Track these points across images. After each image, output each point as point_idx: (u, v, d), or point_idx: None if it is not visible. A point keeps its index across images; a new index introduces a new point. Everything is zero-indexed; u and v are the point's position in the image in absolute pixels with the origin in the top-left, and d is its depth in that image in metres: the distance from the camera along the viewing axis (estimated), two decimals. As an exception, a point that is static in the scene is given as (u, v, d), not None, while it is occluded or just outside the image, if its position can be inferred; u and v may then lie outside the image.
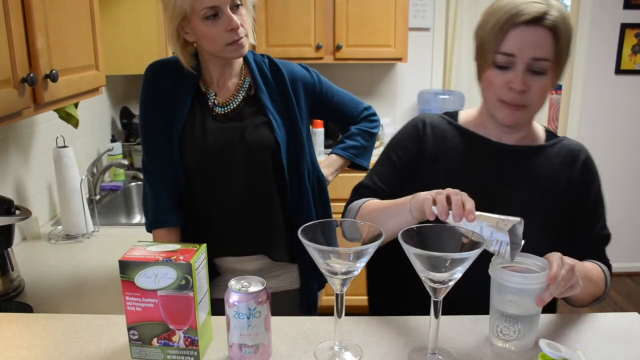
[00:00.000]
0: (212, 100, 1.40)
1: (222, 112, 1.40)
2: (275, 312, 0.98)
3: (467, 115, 1.29)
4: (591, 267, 1.15)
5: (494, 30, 1.10)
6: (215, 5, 1.25)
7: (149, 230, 1.44)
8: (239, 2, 1.29)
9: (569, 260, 0.97)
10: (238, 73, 1.43)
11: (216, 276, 1.46)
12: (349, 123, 1.58)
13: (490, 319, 1.01)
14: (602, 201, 1.24)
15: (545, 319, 1.03)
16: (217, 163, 1.37)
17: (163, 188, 1.41)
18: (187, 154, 1.37)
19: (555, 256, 0.96)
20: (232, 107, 1.40)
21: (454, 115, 1.30)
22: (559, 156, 1.22)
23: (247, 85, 1.42)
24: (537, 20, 1.07)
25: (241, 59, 1.43)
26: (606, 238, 1.24)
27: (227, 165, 1.37)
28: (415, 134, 1.27)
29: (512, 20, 1.08)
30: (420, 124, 1.27)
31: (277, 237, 1.41)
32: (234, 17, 1.28)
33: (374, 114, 1.62)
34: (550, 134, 1.27)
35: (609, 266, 1.21)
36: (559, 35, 1.08)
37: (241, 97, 1.41)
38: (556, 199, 1.19)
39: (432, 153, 1.24)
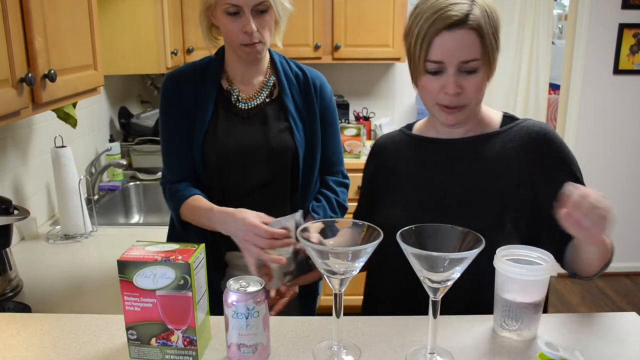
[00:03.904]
0: (236, 96, 1.43)
1: (246, 108, 1.43)
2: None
3: (420, 123, 1.32)
4: None
5: (419, 38, 1.09)
6: (238, 4, 1.29)
7: (179, 212, 1.43)
8: (264, 8, 1.31)
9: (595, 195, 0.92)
10: (264, 72, 1.46)
11: (223, 270, 1.47)
12: (325, 165, 1.53)
13: (495, 309, 1.02)
14: (580, 177, 1.17)
15: (545, 318, 1.04)
16: (238, 163, 1.40)
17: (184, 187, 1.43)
18: (209, 153, 1.39)
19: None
20: (255, 103, 1.44)
21: (409, 126, 1.33)
22: (514, 140, 1.18)
23: (271, 84, 1.46)
24: (460, 23, 1.06)
25: (267, 58, 1.47)
26: None
27: (247, 165, 1.40)
28: (370, 158, 1.35)
29: (435, 27, 1.07)
30: (373, 147, 1.35)
31: None
32: (253, 21, 1.30)
33: (347, 185, 1.59)
34: (509, 119, 1.24)
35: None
36: (483, 33, 1.07)
37: (265, 95, 1.45)
38: (509, 183, 1.15)
39: (389, 167, 1.28)
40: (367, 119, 3.43)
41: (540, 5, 3.47)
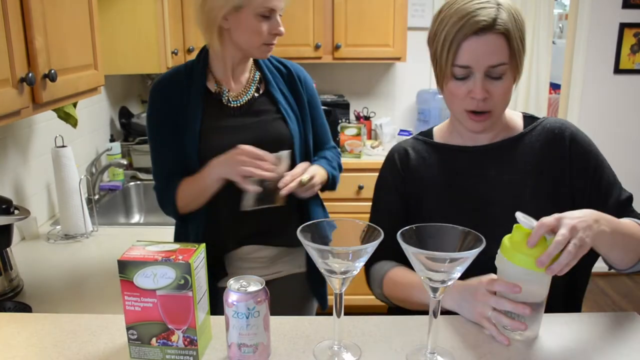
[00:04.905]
0: (226, 97, 1.45)
1: (237, 106, 1.45)
2: (287, 293, 0.99)
3: (440, 129, 1.30)
4: (627, 222, 1.08)
5: (446, 43, 1.08)
6: (274, 8, 1.35)
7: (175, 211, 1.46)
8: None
9: (571, 221, 0.93)
10: (249, 68, 1.49)
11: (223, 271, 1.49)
12: (317, 145, 1.60)
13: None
14: (607, 167, 1.19)
15: (545, 318, 1.03)
16: None
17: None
18: (207, 154, 1.40)
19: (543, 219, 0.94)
20: (245, 99, 1.46)
21: (428, 133, 1.30)
22: (540, 139, 1.20)
23: (257, 79, 1.49)
24: (488, 27, 1.05)
25: None
26: (628, 200, 1.19)
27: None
28: (393, 166, 1.27)
29: (463, 31, 1.06)
30: (395, 155, 1.29)
31: (291, 223, 1.44)
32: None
33: (338, 151, 1.67)
34: (529, 119, 1.25)
35: None
36: (511, 38, 1.07)
37: (253, 90, 1.48)
38: (547, 182, 1.17)
39: (414, 177, 1.24)
40: (367, 118, 3.42)
41: (540, 5, 3.47)
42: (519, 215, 0.95)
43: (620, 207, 1.17)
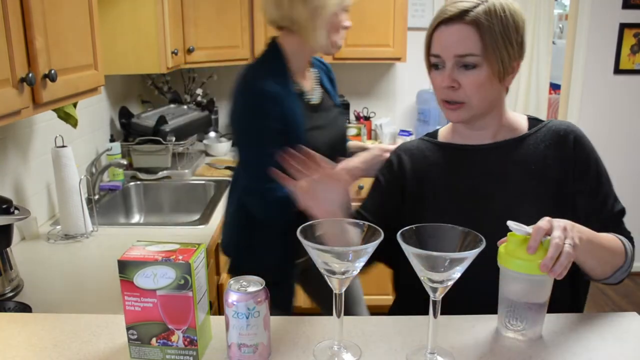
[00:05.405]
0: (306, 93, 1.50)
1: (316, 103, 1.51)
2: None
3: (444, 130, 1.31)
4: (605, 235, 1.10)
5: (427, 34, 1.16)
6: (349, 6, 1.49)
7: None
8: None
9: (560, 222, 0.95)
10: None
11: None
12: None
13: (499, 309, 1.02)
14: (605, 175, 1.20)
15: (546, 318, 1.03)
16: (328, 153, 1.40)
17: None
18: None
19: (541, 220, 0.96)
20: (319, 96, 1.52)
21: (434, 134, 1.32)
22: (545, 140, 1.20)
23: (315, 75, 1.56)
24: (456, 18, 1.09)
25: None
26: (621, 213, 1.20)
27: (333, 156, 1.39)
28: (392, 163, 1.28)
29: (436, 22, 1.13)
30: (393, 156, 1.29)
31: None
32: None
33: None
34: (535, 121, 1.25)
35: (630, 238, 1.17)
36: (483, 30, 1.08)
37: (318, 86, 1.54)
38: (551, 183, 1.17)
39: (415, 177, 1.24)
40: (367, 118, 3.43)
41: (540, 5, 3.47)
42: (510, 223, 0.96)
43: (612, 217, 1.19)
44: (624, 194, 4.15)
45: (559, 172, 1.17)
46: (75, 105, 1.92)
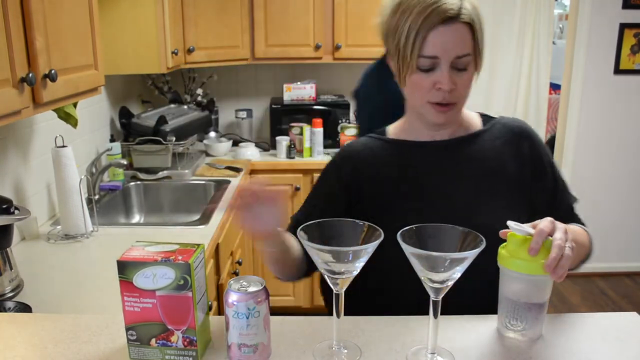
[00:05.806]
0: None
1: None
2: None
3: (394, 127, 1.27)
4: (577, 229, 1.14)
5: (411, 34, 1.07)
6: None
7: None
8: None
9: (561, 224, 0.96)
10: None
11: None
12: None
13: (499, 309, 1.02)
14: (558, 171, 1.23)
15: (546, 318, 1.03)
16: None
17: None
18: None
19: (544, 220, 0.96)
20: None
21: (381, 132, 1.28)
22: (500, 137, 1.20)
23: None
24: (455, 16, 1.05)
25: None
26: (574, 204, 1.25)
27: None
28: (336, 166, 1.25)
29: (429, 21, 1.05)
30: (341, 154, 1.26)
31: None
32: None
33: None
34: (487, 118, 1.25)
35: (585, 224, 1.23)
36: (475, 29, 1.08)
37: None
38: (508, 179, 1.17)
39: (364, 177, 1.20)
40: (367, 118, 3.42)
41: (540, 5, 3.47)
42: (510, 223, 0.95)
43: (570, 210, 1.24)
44: (622, 194, 4.17)
45: (515, 168, 1.18)
46: (75, 105, 1.92)
